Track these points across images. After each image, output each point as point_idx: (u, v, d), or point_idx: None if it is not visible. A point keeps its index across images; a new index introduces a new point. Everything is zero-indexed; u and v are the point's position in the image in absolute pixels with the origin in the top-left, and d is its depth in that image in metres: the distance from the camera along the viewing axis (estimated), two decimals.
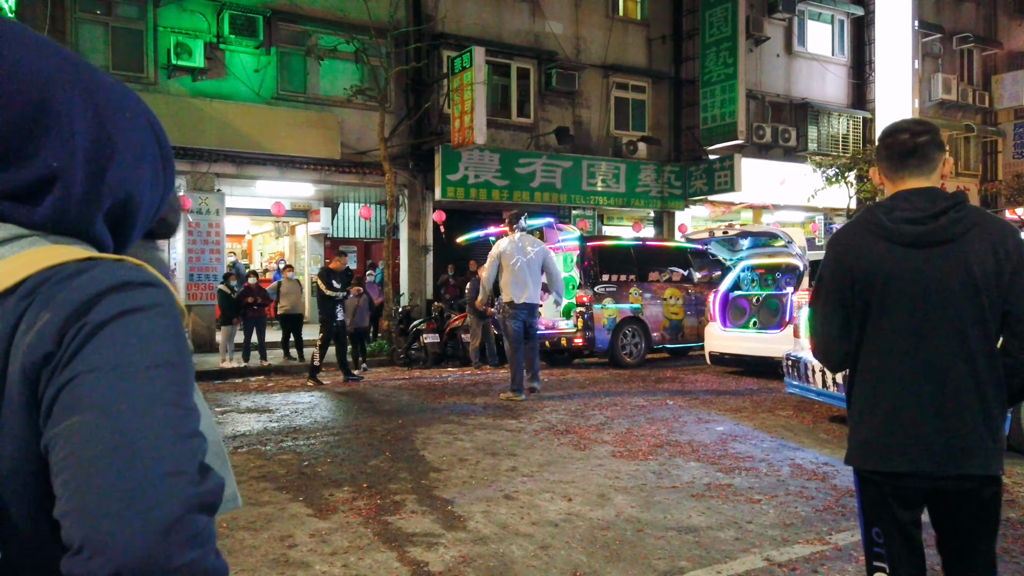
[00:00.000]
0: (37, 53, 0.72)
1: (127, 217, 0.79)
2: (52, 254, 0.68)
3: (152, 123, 0.83)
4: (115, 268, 0.70)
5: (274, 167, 13.86)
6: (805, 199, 17.30)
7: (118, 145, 0.75)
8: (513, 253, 8.18)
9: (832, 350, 2.07)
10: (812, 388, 6.57)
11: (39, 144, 0.71)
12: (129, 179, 0.77)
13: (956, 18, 23.20)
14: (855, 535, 3.97)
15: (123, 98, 0.79)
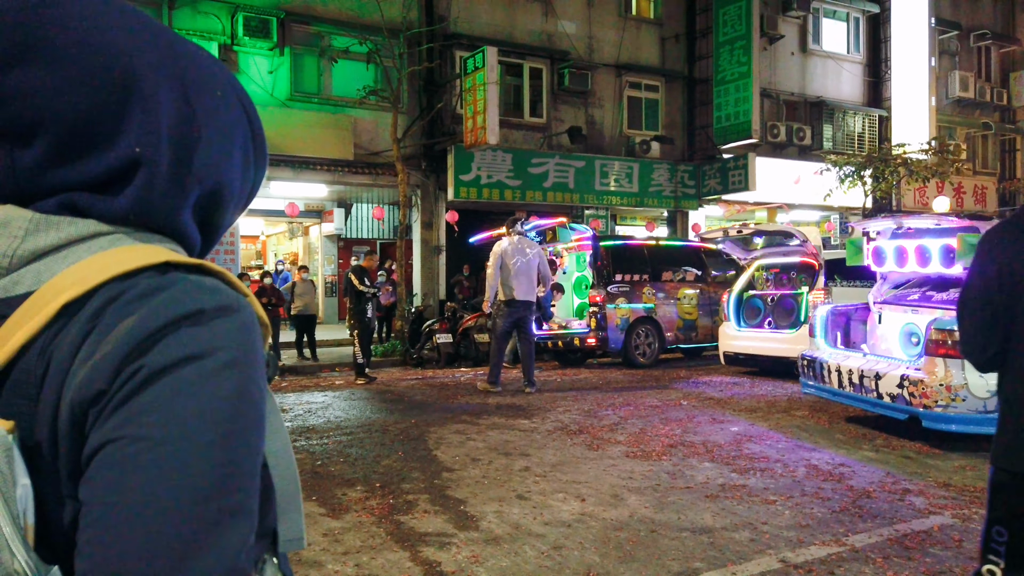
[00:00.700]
0: (118, 19, 0.64)
1: (216, 209, 0.72)
2: (128, 257, 0.60)
3: (244, 102, 0.75)
4: (191, 289, 0.60)
5: (288, 168, 13.92)
6: (820, 198, 17.16)
7: (207, 127, 0.68)
8: (513, 254, 8.58)
9: (979, 351, 2.05)
10: (828, 388, 6.50)
11: (121, 126, 0.63)
12: (219, 166, 0.70)
13: (973, 15, 22.95)
14: (872, 536, 3.93)
15: (214, 73, 0.71)
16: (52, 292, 0.59)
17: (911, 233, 6.21)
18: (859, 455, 5.59)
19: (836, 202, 17.43)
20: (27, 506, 0.54)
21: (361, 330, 9.95)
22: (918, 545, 3.79)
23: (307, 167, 14.01)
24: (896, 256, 6.36)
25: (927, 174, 16.18)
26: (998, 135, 23.43)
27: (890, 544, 3.82)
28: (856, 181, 16.46)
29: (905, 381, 5.59)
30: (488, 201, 15.33)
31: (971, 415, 5.35)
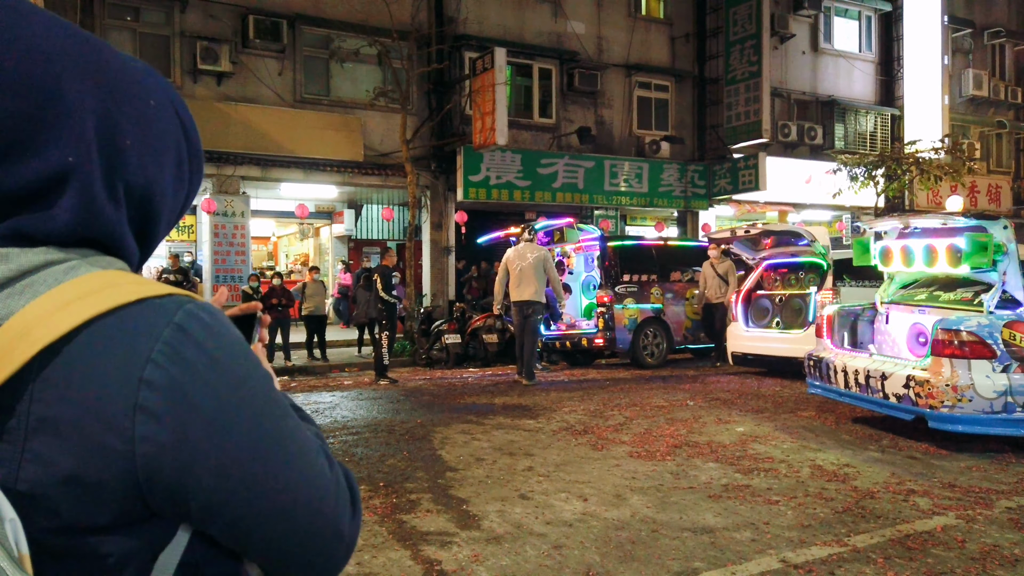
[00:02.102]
0: (41, 28, 0.63)
1: (151, 219, 0.74)
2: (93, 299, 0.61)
3: (181, 114, 0.76)
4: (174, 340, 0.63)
5: (298, 169, 14.00)
6: (831, 197, 17.05)
7: (139, 136, 0.69)
8: (516, 259, 9.35)
9: None
10: (834, 388, 6.48)
11: (48, 134, 0.62)
12: (152, 175, 0.71)
13: (987, 12, 22.74)
14: (874, 537, 3.91)
15: (147, 84, 0.72)
16: (17, 331, 0.60)
17: (918, 233, 6.18)
18: (865, 455, 5.57)
19: (848, 202, 17.33)
20: (18, 538, 0.57)
21: (389, 330, 10.05)
22: (920, 546, 3.78)
23: (317, 168, 14.09)
24: (903, 256, 6.32)
25: (939, 173, 16.05)
26: (1013, 134, 23.20)
27: (892, 545, 3.80)
28: (867, 181, 16.35)
29: (911, 381, 5.56)
30: (497, 202, 15.36)
31: (977, 416, 5.31)
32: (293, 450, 0.67)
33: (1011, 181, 22.95)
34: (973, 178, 20.18)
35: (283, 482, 0.66)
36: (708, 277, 11.01)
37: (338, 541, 0.70)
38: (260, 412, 0.66)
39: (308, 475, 0.67)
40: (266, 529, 0.67)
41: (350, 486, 0.73)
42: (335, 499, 0.69)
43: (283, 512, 0.66)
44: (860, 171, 16.44)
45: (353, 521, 0.71)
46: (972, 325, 5.38)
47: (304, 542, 0.68)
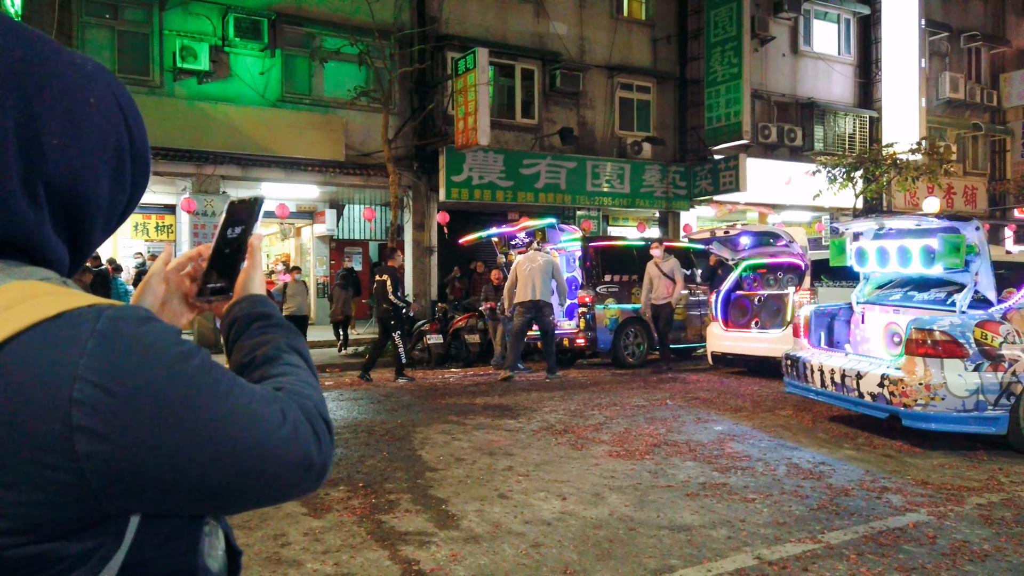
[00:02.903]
0: None
1: (82, 222, 0.73)
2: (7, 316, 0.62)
3: (127, 113, 0.77)
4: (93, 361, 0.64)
5: (279, 169, 13.93)
6: (811, 199, 17.23)
7: (69, 134, 0.68)
8: (526, 263, 10.04)
9: None
10: (811, 388, 6.55)
11: None
12: (80, 176, 0.70)
13: (964, 16, 23.07)
14: (847, 534, 3.97)
15: (86, 79, 0.71)
16: None
17: (892, 234, 6.26)
18: (840, 454, 5.64)
19: (827, 203, 17.52)
20: None
21: (399, 329, 10.11)
22: (892, 542, 3.84)
23: (298, 168, 14.02)
24: (878, 257, 6.41)
25: (917, 175, 16.27)
26: (988, 136, 23.55)
27: (865, 541, 3.86)
28: (846, 182, 16.55)
29: (886, 380, 5.64)
30: (480, 202, 15.36)
31: (950, 414, 5.40)
32: (241, 417, 0.69)
33: (987, 183, 23.30)
34: (949, 180, 20.46)
35: (236, 450, 0.68)
36: (653, 277, 10.52)
37: (307, 471, 0.73)
38: (201, 395, 0.68)
39: (261, 435, 0.70)
40: (232, 492, 0.70)
41: (310, 420, 0.75)
42: (295, 442, 0.72)
43: (243, 474, 0.69)
44: (839, 172, 16.64)
45: (321, 449, 0.75)
46: (945, 325, 5.47)
47: (269, 486, 0.72)
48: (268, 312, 0.90)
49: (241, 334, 0.87)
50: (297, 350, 0.87)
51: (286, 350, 0.85)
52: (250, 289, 0.93)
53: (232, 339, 0.88)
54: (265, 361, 0.84)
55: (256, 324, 0.88)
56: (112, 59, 12.84)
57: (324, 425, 0.77)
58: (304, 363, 0.86)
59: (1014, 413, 5.38)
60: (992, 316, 5.54)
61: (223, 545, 0.83)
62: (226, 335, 0.90)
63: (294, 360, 0.85)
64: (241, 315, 0.89)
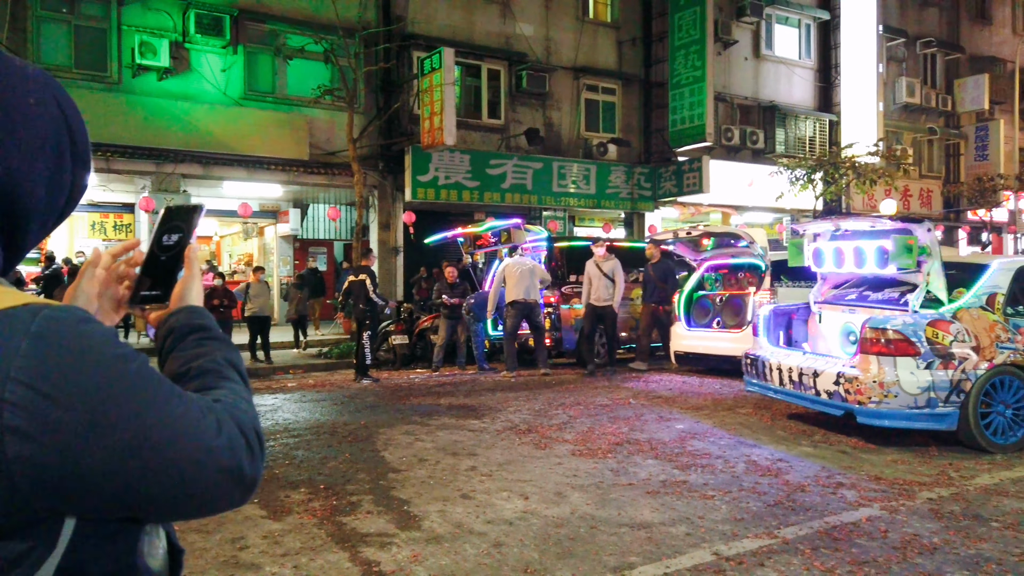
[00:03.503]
0: None
1: (18, 220, 0.73)
2: None
3: (67, 114, 0.77)
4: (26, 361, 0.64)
5: (242, 168, 13.75)
6: (773, 200, 17.54)
7: (3, 131, 0.69)
8: (516, 266, 10.35)
9: None
10: (770, 386, 6.67)
11: None
12: (16, 175, 0.70)
13: (920, 23, 23.66)
14: (803, 529, 4.05)
15: (25, 81, 0.72)
16: None
17: (848, 235, 6.41)
18: (798, 450, 5.75)
19: (788, 204, 17.85)
20: None
21: (372, 329, 10.17)
22: (846, 536, 3.92)
23: (261, 167, 13.85)
24: (834, 257, 6.55)
25: (874, 177, 16.67)
26: (943, 140, 24.18)
27: (819, 536, 3.94)
28: (807, 184, 16.88)
29: (841, 378, 5.77)
30: (446, 202, 15.34)
31: (902, 411, 5.54)
32: (176, 425, 0.70)
33: (941, 185, 23.92)
34: (906, 183, 20.97)
35: (169, 457, 0.69)
36: (593, 278, 10.18)
37: (238, 483, 0.74)
38: (136, 400, 0.68)
39: (195, 444, 0.71)
40: (161, 495, 0.70)
41: (244, 432, 0.76)
42: (229, 453, 0.73)
43: (175, 483, 0.69)
44: (800, 174, 16.96)
45: (253, 462, 0.76)
46: (898, 324, 5.61)
47: (199, 496, 0.72)
48: (205, 324, 0.90)
49: (177, 345, 0.87)
50: (233, 364, 0.87)
51: (222, 364, 0.86)
52: (187, 300, 0.93)
53: (167, 350, 0.88)
54: (200, 373, 0.84)
55: (193, 336, 0.88)
56: (69, 54, 12.56)
57: (257, 439, 0.78)
58: (239, 377, 0.86)
59: (964, 410, 5.54)
60: (943, 316, 5.69)
61: (164, 544, 0.83)
62: (161, 345, 0.89)
63: (230, 374, 0.85)
64: (178, 326, 0.89)
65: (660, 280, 10.59)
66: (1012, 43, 25.41)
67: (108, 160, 12.52)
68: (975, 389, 5.53)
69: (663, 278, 10.60)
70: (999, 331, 5.71)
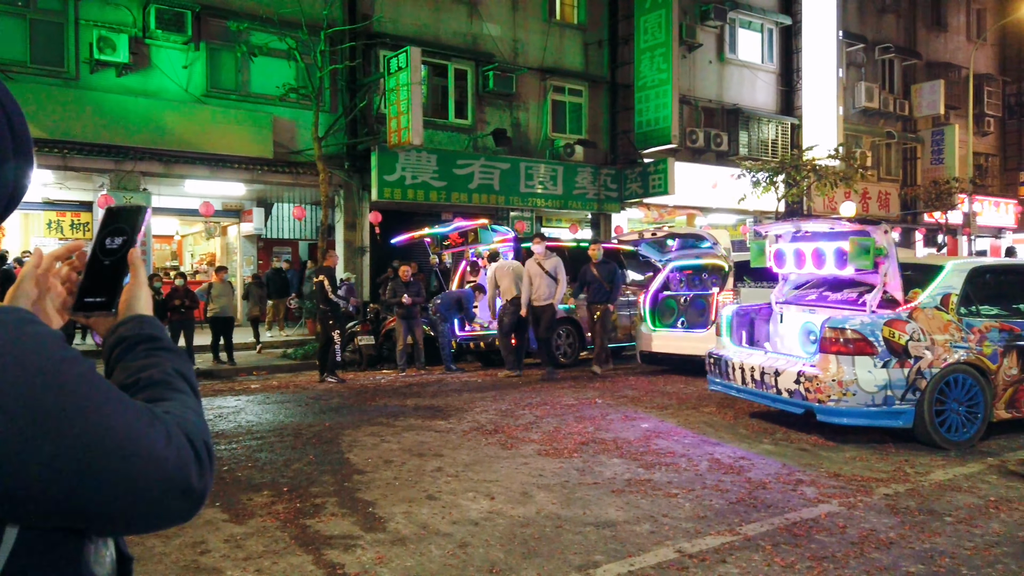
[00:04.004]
0: None
1: None
2: None
3: (7, 109, 0.76)
4: None
5: (204, 166, 13.52)
6: (736, 202, 17.79)
7: None
8: (506, 268, 10.44)
9: None
10: (733, 385, 6.76)
11: None
12: None
13: (878, 29, 24.20)
14: (764, 526, 4.12)
15: None
16: None
17: (808, 237, 6.53)
18: (759, 448, 5.84)
19: (751, 206, 18.13)
20: None
21: (339, 329, 10.16)
22: (805, 532, 4.00)
23: (224, 165, 13.64)
24: (795, 258, 6.67)
25: (835, 179, 17.01)
26: (900, 144, 24.77)
27: (780, 532, 4.01)
28: (769, 187, 17.17)
29: (801, 377, 5.87)
30: (413, 202, 15.26)
31: (860, 409, 5.66)
32: (122, 433, 0.68)
33: (899, 188, 24.49)
34: (865, 185, 21.42)
35: (114, 466, 0.67)
36: (534, 276, 9.95)
37: (185, 497, 0.73)
38: (80, 405, 0.67)
39: (141, 452, 0.69)
40: (106, 506, 0.68)
41: (193, 445, 0.75)
42: (177, 464, 0.72)
43: (120, 493, 0.68)
44: (762, 177, 17.24)
45: (202, 475, 0.75)
46: (856, 324, 5.73)
47: (146, 509, 0.70)
48: (155, 335, 0.89)
49: (126, 356, 0.86)
50: (183, 375, 0.86)
51: (172, 375, 0.84)
52: (136, 308, 0.91)
53: (115, 359, 0.86)
54: (149, 384, 0.82)
55: (143, 347, 0.87)
56: (24, 49, 12.23)
57: (206, 452, 0.76)
58: (190, 389, 0.85)
59: (919, 407, 5.68)
60: (899, 315, 5.83)
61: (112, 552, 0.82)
62: (109, 355, 0.87)
63: (180, 386, 0.84)
64: (127, 336, 0.87)
65: (606, 280, 10.23)
66: (966, 50, 26.11)
67: (65, 157, 12.23)
68: (930, 387, 5.67)
69: (609, 278, 10.23)
70: (953, 331, 5.86)
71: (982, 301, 6.14)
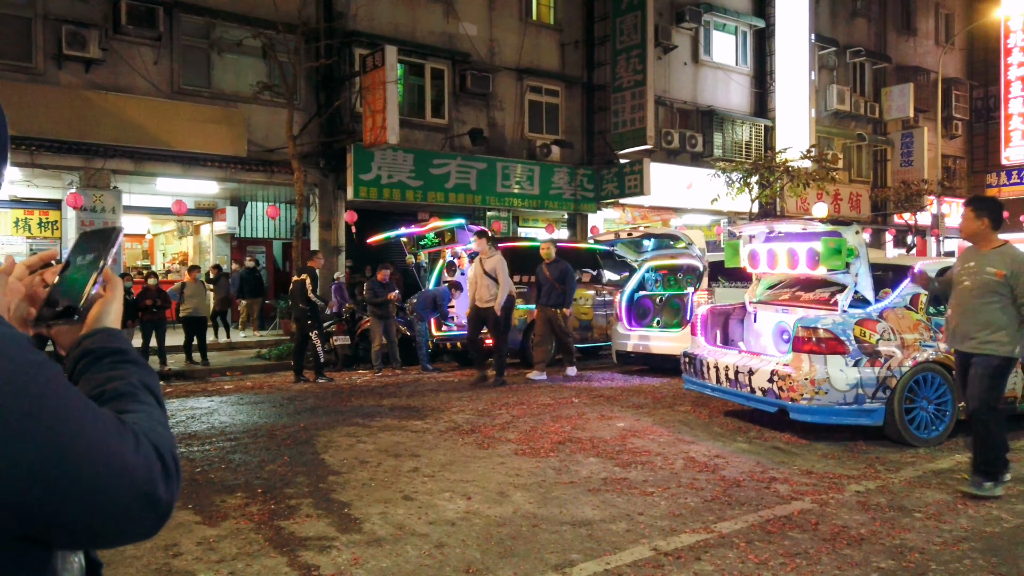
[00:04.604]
0: None
1: None
2: None
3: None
4: None
5: (176, 164, 13.34)
6: (710, 203, 17.95)
7: None
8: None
9: None
10: (708, 384, 6.82)
11: None
12: None
13: (849, 33, 24.56)
14: (738, 523, 4.16)
15: None
16: None
17: (781, 237, 6.60)
18: (734, 447, 5.90)
19: (725, 207, 18.30)
20: None
21: (317, 329, 10.11)
22: (779, 529, 4.04)
23: (197, 163, 13.47)
24: (769, 259, 6.74)
25: (808, 180, 17.24)
26: (871, 146, 25.17)
27: (754, 529, 4.05)
28: (743, 188, 17.36)
29: (775, 376, 5.94)
30: (389, 201, 15.20)
31: (832, 407, 5.74)
32: (89, 440, 0.67)
33: (869, 189, 24.87)
34: (836, 187, 21.73)
35: (78, 473, 0.66)
36: (478, 276, 9.33)
37: (152, 508, 0.71)
38: (46, 411, 0.65)
39: (108, 461, 0.68)
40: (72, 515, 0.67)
41: (161, 455, 0.74)
42: (144, 474, 0.71)
43: (83, 501, 0.66)
44: (736, 178, 17.42)
45: (168, 486, 0.73)
46: (828, 323, 5.81)
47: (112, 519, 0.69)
48: (122, 348, 0.87)
49: (90, 367, 0.84)
50: (149, 387, 0.84)
51: (138, 387, 0.83)
52: (104, 322, 0.90)
53: (80, 372, 0.85)
54: (115, 396, 0.81)
55: (108, 359, 0.85)
56: None
57: (174, 464, 0.75)
58: (156, 401, 0.84)
59: (889, 405, 5.77)
60: (870, 315, 5.92)
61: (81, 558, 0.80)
62: (73, 367, 0.86)
63: (146, 398, 0.83)
64: (94, 348, 0.86)
65: (558, 281, 9.66)
66: (935, 54, 26.61)
67: (33, 154, 11.99)
68: (900, 386, 5.76)
69: (561, 279, 9.64)
70: (922, 330, 5.97)
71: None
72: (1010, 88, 26.93)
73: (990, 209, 4.82)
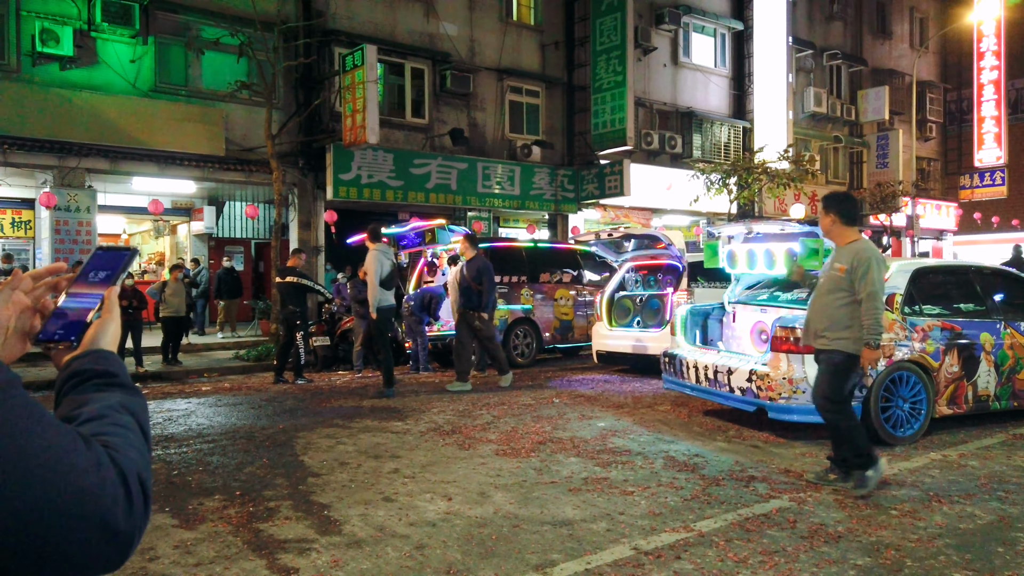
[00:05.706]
0: None
1: None
2: None
3: None
4: None
5: (152, 163, 13.18)
6: (690, 204, 18.07)
7: None
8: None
9: None
10: (687, 384, 6.86)
11: None
12: None
13: (826, 36, 24.84)
14: (717, 522, 4.19)
15: None
16: None
17: (760, 237, 6.66)
18: (713, 446, 5.94)
19: (704, 208, 18.43)
20: None
21: (303, 331, 10.07)
22: (757, 528, 4.08)
23: (174, 162, 13.32)
24: (747, 259, 6.79)
25: (786, 181, 17.42)
26: (847, 148, 25.48)
27: (733, 528, 4.08)
28: (722, 189, 17.49)
29: (753, 375, 5.99)
30: (369, 201, 15.13)
31: (810, 406, 5.78)
32: (38, 455, 0.64)
33: (846, 190, 25.15)
34: (814, 188, 21.97)
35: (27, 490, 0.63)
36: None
37: (109, 538, 0.67)
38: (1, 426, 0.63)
39: (56, 479, 0.65)
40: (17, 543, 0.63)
41: (125, 480, 0.70)
42: (100, 498, 0.67)
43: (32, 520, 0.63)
44: (715, 179, 17.55)
45: (131, 515, 0.69)
46: None
47: (63, 548, 0.65)
48: (112, 371, 0.85)
49: (75, 389, 0.82)
50: (131, 411, 0.82)
51: (118, 410, 0.80)
52: (98, 343, 0.88)
53: (65, 392, 0.83)
54: (91, 418, 0.78)
55: (94, 381, 0.83)
56: None
57: (140, 490, 0.71)
58: (137, 425, 0.81)
59: (866, 404, 5.83)
60: None
61: None
62: (60, 388, 0.84)
63: (125, 421, 0.80)
64: (81, 370, 0.84)
65: (475, 281, 8.84)
66: (910, 57, 27.00)
67: (5, 153, 11.80)
68: (876, 384, 5.83)
69: (477, 278, 8.83)
70: (898, 329, 6.04)
71: (925, 301, 6.34)
72: (983, 92, 27.37)
73: (838, 205, 4.87)
